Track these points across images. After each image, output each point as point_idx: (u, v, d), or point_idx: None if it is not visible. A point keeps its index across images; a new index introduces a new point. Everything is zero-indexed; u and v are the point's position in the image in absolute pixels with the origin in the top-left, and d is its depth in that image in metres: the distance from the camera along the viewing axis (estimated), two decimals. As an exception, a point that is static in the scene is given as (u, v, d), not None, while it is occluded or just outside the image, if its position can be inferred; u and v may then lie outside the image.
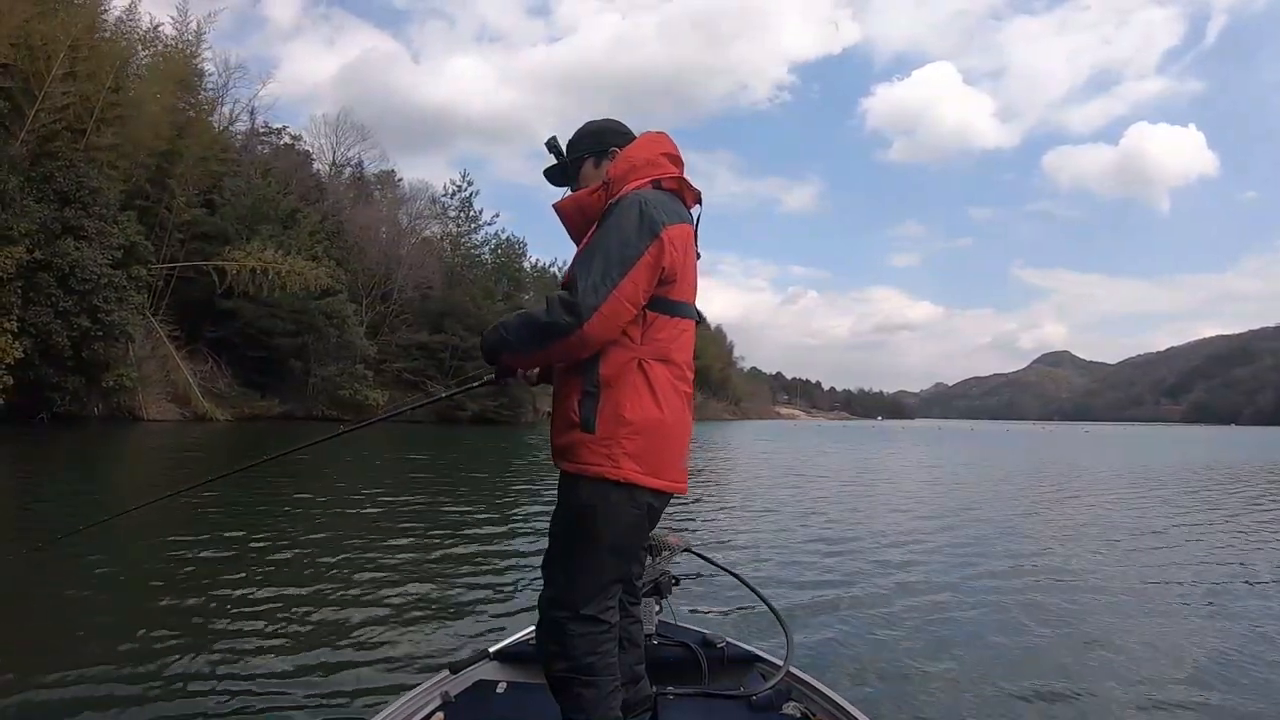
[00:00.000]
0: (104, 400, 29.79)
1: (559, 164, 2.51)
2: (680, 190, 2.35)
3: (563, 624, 2.17)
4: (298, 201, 41.90)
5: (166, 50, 36.04)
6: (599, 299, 2.05)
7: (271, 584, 6.14)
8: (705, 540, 8.80)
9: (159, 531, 8.01)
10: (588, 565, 2.20)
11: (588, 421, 2.13)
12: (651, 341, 2.19)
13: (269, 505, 10.37)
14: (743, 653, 3.18)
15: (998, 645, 5.08)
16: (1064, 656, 4.86)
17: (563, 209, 2.39)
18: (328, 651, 4.58)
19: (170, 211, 35.39)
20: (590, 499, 2.14)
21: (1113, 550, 9.06)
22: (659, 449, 2.17)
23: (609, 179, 2.30)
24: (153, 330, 33.37)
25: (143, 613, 5.26)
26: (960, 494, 15.68)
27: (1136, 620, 5.84)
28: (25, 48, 27.46)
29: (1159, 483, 18.69)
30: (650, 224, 2.13)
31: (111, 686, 3.90)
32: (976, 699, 4.11)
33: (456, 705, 2.76)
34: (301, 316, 38.81)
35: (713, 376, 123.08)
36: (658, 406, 2.16)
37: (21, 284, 25.81)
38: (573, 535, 2.20)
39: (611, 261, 2.08)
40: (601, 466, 2.12)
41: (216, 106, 42.56)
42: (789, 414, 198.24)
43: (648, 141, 2.40)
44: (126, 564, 6.76)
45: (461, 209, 59.92)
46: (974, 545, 9.05)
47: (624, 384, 2.14)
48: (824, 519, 10.98)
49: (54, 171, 27.70)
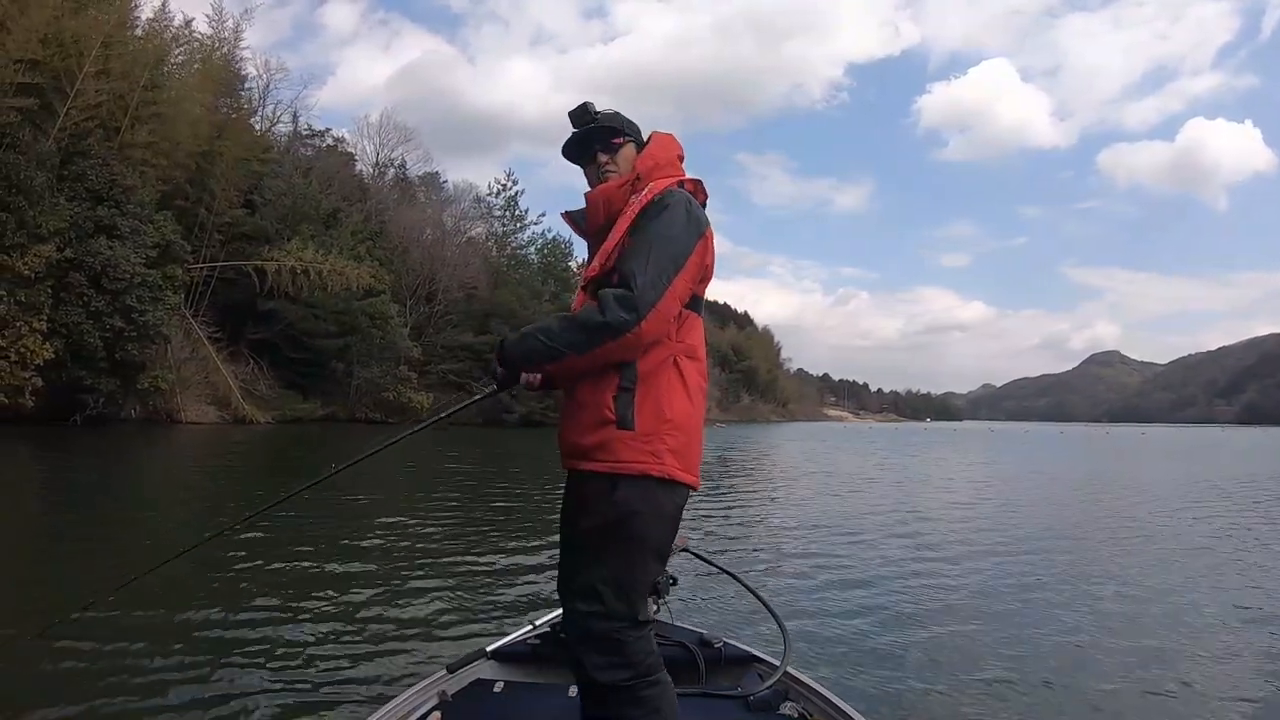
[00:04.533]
0: (140, 403, 28.48)
1: (585, 133, 2.33)
2: (696, 192, 2.29)
3: (619, 635, 2.06)
4: (339, 201, 40.40)
5: (203, 48, 34.69)
6: (657, 295, 2.02)
7: (270, 582, 6.11)
8: (712, 543, 8.58)
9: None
10: (634, 570, 2.10)
11: (625, 419, 2.06)
12: (684, 338, 2.16)
13: (258, 499, 9.55)
14: (740, 653, 3.08)
15: (997, 647, 4.95)
16: (1065, 659, 4.77)
17: (594, 200, 2.28)
18: (325, 650, 4.52)
19: (210, 212, 33.92)
20: (631, 499, 2.06)
21: (1152, 554, 8.57)
22: (693, 444, 2.14)
23: (640, 173, 2.23)
24: (192, 331, 32.09)
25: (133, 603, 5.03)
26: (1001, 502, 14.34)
27: (1155, 634, 5.44)
28: (55, 44, 26.23)
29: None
30: (697, 223, 2.15)
31: (100, 676, 3.88)
32: (974, 700, 4.03)
33: (453, 704, 2.67)
34: (344, 317, 37.37)
35: (760, 378, 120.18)
36: (690, 402, 2.14)
37: (52, 283, 24.66)
38: (614, 540, 2.08)
39: (666, 258, 2.06)
40: (645, 464, 2.05)
41: (258, 108, 41.34)
42: (837, 416, 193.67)
43: (667, 142, 2.34)
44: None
45: (507, 208, 58.17)
46: (986, 548, 8.65)
47: (662, 380, 2.10)
48: (827, 519, 10.90)
49: (86, 169, 26.50)
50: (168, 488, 13.47)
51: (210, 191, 34.11)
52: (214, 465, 17.23)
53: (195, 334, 32.25)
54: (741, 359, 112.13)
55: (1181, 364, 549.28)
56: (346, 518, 9.57)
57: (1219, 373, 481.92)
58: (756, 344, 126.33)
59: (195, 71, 33.84)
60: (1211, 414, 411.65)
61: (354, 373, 38.97)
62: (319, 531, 8.41)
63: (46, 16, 25.37)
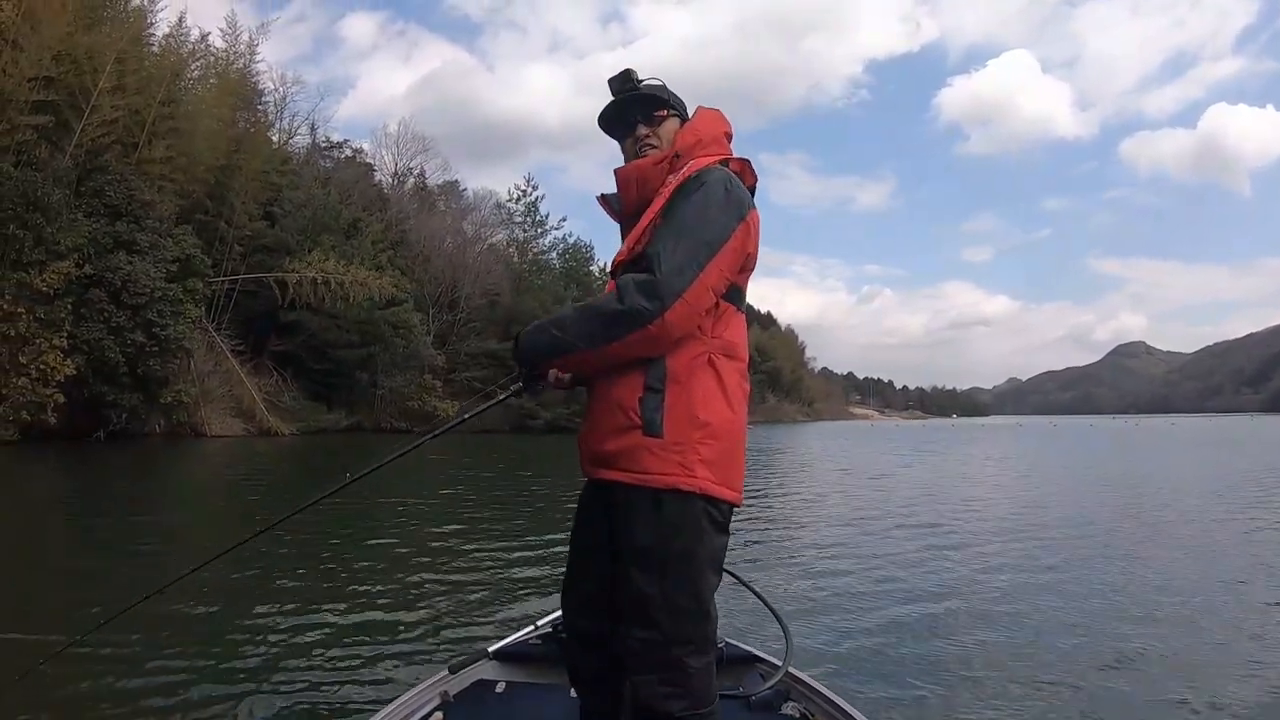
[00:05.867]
0: (164, 417, 27.92)
1: (624, 101, 2.05)
2: (743, 172, 1.99)
3: (682, 661, 1.78)
4: (359, 212, 39.84)
5: (218, 63, 34.21)
6: (684, 283, 1.75)
7: (271, 583, 6.05)
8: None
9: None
10: (693, 592, 1.79)
11: (652, 423, 1.79)
12: (721, 334, 1.87)
13: (279, 507, 9.95)
14: (742, 653, 3.00)
15: (999, 648, 4.72)
16: (1066, 659, 4.49)
17: (625, 178, 2.01)
18: (327, 650, 4.44)
19: (230, 225, 33.47)
20: (671, 514, 1.78)
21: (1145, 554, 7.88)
22: (732, 455, 1.85)
23: (679, 150, 1.96)
24: (215, 344, 31.57)
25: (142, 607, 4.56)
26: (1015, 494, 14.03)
27: (1171, 631, 5.07)
28: (70, 61, 25.82)
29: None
30: (738, 204, 1.87)
31: (100, 675, 3.87)
32: (976, 700, 3.86)
33: (455, 705, 2.63)
34: (367, 327, 36.70)
35: (784, 378, 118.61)
36: (729, 407, 1.85)
37: (72, 299, 24.24)
38: (663, 559, 1.78)
39: (699, 242, 1.79)
40: (674, 476, 1.77)
41: (275, 121, 40.88)
42: (863, 414, 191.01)
43: (714, 117, 2.05)
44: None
45: (527, 214, 57.51)
46: (990, 546, 8.20)
47: (695, 381, 1.81)
48: (831, 521, 10.61)
49: (104, 185, 26.08)
50: (192, 500, 13.10)
51: (230, 205, 33.66)
52: (235, 477, 16.65)
53: (218, 347, 31.74)
54: (765, 359, 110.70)
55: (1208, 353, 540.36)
56: (351, 521, 9.46)
57: (1245, 360, 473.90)
58: (780, 344, 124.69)
59: (212, 86, 33.37)
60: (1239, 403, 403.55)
61: (378, 382, 38.35)
62: (321, 534, 8.34)
63: (59, 33, 24.94)
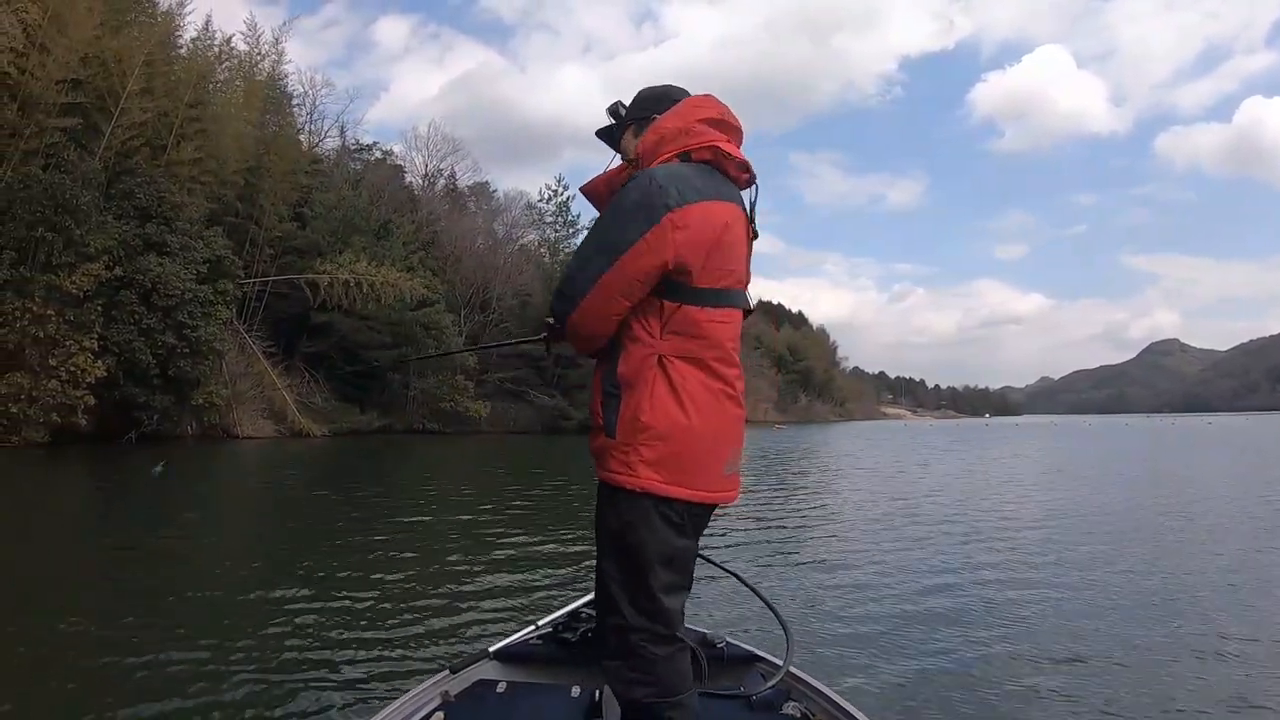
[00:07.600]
0: (195, 419, 27.42)
1: (610, 128, 2.12)
2: (716, 161, 1.88)
3: (643, 647, 1.83)
4: (390, 213, 39.24)
5: (243, 65, 33.68)
6: (579, 288, 1.79)
7: (272, 582, 5.94)
8: (714, 542, 8.09)
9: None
10: (644, 581, 1.84)
11: (610, 425, 1.83)
12: (673, 336, 1.82)
13: (284, 507, 10.25)
14: (742, 652, 2.92)
15: (1000, 648, 4.64)
16: (1067, 660, 4.45)
17: (593, 191, 2.08)
18: (327, 650, 4.40)
19: (260, 226, 32.99)
20: (624, 509, 1.83)
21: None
22: (685, 456, 1.81)
23: (637, 154, 1.95)
24: (246, 346, 31.06)
25: (129, 598, 5.10)
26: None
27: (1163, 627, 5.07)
28: (98, 64, 25.42)
29: None
30: (649, 207, 1.76)
31: (91, 673, 3.88)
32: (977, 700, 3.82)
33: (456, 704, 2.53)
34: (398, 328, 36.06)
35: (816, 378, 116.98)
36: (681, 409, 1.80)
37: (102, 301, 23.79)
38: (618, 550, 1.87)
39: (598, 248, 1.80)
40: (620, 475, 1.81)
41: (305, 124, 40.51)
42: (895, 414, 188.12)
43: (685, 108, 1.94)
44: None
45: (558, 214, 56.59)
46: (992, 550, 7.99)
47: (641, 384, 1.80)
48: (838, 519, 10.64)
49: (133, 188, 25.67)
50: (227, 502, 12.65)
51: (260, 207, 33.19)
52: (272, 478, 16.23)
53: (249, 349, 31.23)
54: (798, 359, 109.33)
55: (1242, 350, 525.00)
56: (355, 519, 9.27)
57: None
58: (812, 344, 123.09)
59: (238, 89, 32.91)
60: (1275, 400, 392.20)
61: (410, 383, 37.75)
62: (323, 533, 8.27)
63: (86, 36, 24.51)
